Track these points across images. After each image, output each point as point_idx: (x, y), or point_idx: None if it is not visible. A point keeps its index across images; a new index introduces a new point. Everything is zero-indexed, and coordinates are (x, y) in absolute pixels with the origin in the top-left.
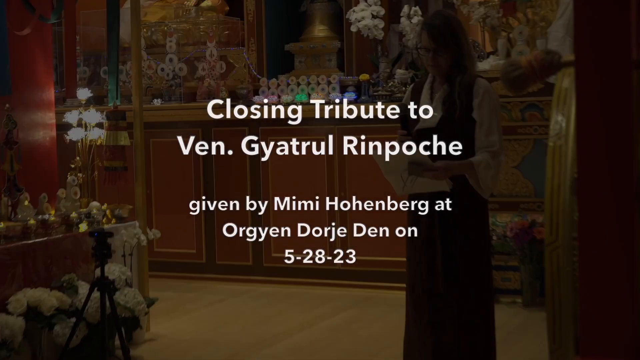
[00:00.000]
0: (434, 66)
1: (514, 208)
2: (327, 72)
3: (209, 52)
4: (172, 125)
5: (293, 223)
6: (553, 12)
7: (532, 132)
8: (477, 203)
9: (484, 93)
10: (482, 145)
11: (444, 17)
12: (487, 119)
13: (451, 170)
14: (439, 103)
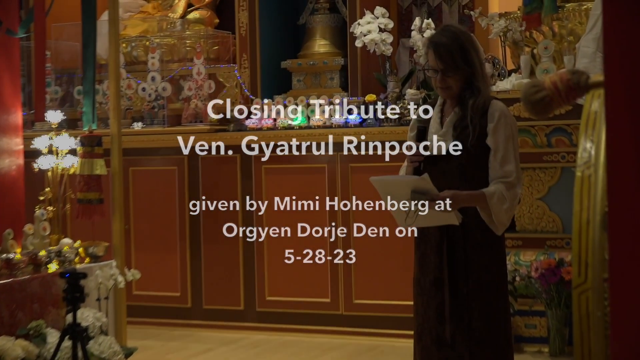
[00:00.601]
0: (443, 88)
1: (540, 245)
2: (329, 92)
3: (196, 70)
4: (154, 152)
5: (291, 267)
6: (582, 24)
7: (559, 159)
8: (492, 239)
9: (500, 117)
10: (497, 175)
11: (452, 33)
12: (502, 146)
13: (459, 202)
14: (449, 128)
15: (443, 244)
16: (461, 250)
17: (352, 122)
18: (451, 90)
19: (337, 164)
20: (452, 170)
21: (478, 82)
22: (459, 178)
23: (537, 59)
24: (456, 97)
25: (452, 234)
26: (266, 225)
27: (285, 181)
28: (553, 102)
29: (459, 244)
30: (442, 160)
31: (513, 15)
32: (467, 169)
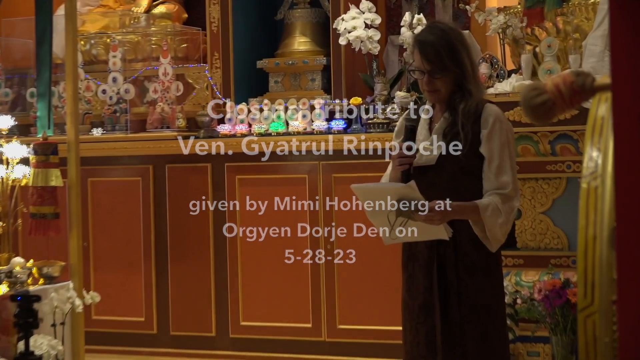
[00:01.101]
0: (430, 91)
1: (543, 264)
2: (310, 94)
3: (162, 70)
4: (115, 160)
5: (268, 289)
6: (589, 20)
7: (564, 169)
8: (487, 257)
9: (494, 122)
10: (492, 186)
11: (440, 30)
12: (497, 155)
13: (449, 213)
14: (438, 135)
15: (433, 263)
16: (453, 270)
17: (336, 127)
18: (439, 94)
19: (319, 174)
20: (442, 181)
21: (469, 84)
22: (449, 190)
23: (539, 58)
24: (445, 101)
25: (442, 252)
26: (240, 242)
27: (261, 193)
28: (555, 106)
29: (450, 263)
30: (431, 171)
31: (513, 10)
32: (458, 180)
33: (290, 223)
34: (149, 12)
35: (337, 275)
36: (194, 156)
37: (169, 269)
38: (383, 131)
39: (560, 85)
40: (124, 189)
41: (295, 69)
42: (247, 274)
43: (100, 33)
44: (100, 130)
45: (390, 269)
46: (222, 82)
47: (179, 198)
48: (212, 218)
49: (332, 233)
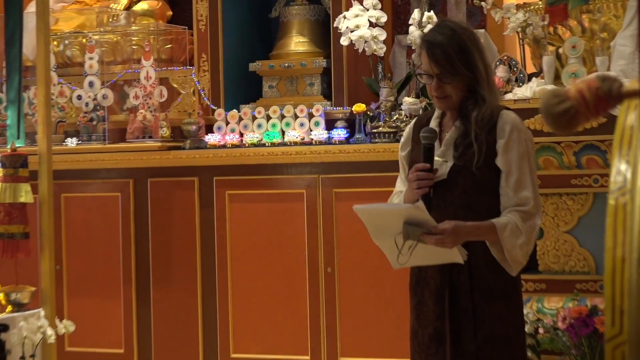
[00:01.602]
0: (439, 97)
1: (568, 289)
2: (308, 101)
3: (144, 74)
4: (91, 174)
5: (262, 317)
6: (618, 18)
7: (591, 183)
8: (506, 281)
9: (512, 131)
10: (510, 203)
11: (450, 29)
12: (516, 168)
13: (463, 235)
14: (449, 147)
15: (445, 288)
16: (468, 296)
17: (337, 137)
18: (450, 100)
19: (318, 189)
20: (455, 198)
21: (482, 89)
22: (463, 208)
23: (562, 60)
24: (456, 108)
25: (455, 276)
26: (231, 265)
27: (254, 210)
28: (579, 114)
29: (464, 288)
30: (442, 186)
31: (534, 6)
32: (472, 196)
33: (286, 243)
34: (129, 9)
35: (339, 302)
36: (180, 169)
37: (151, 295)
38: (390, 141)
39: (584, 91)
40: (102, 206)
41: (292, 72)
42: (239, 301)
43: (75, 32)
44: (75, 141)
45: (398, 295)
46: (210, 86)
47: (162, 216)
48: (200, 238)
49: (332, 254)
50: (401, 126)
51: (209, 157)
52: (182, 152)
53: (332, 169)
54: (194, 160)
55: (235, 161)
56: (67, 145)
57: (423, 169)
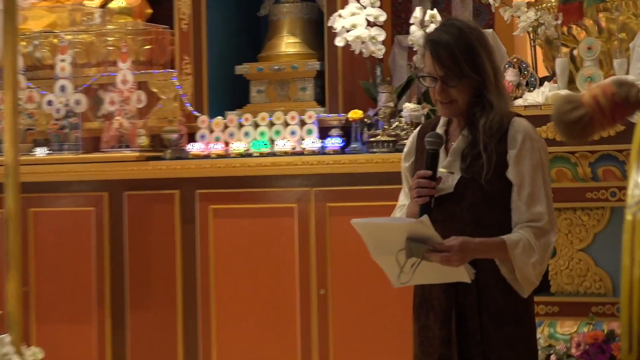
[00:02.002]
0: (444, 103)
1: (583, 312)
2: (300, 107)
3: (121, 77)
4: (63, 186)
5: (248, 343)
6: (638, 17)
7: (608, 197)
8: (517, 303)
9: (524, 140)
10: (522, 218)
11: (457, 28)
12: (529, 180)
13: (471, 252)
14: (456, 157)
15: (451, 310)
16: (476, 319)
17: (331, 147)
18: (455, 106)
19: (311, 204)
20: (463, 213)
21: (490, 94)
22: (471, 223)
23: (577, 62)
24: (463, 114)
25: (462, 297)
26: (215, 287)
27: (240, 227)
28: (594, 122)
29: (472, 310)
30: (449, 200)
31: (546, 4)
32: (482, 211)
33: (275, 262)
34: (104, 7)
35: (332, 326)
36: (159, 181)
37: (127, 319)
38: (389, 151)
39: (599, 97)
40: (74, 222)
41: (283, 75)
42: (223, 325)
43: (46, 32)
44: (45, 150)
45: (397, 320)
46: (193, 91)
47: (140, 232)
48: (181, 257)
49: (326, 275)
50: (401, 134)
51: (191, 168)
52: (162, 162)
53: (325, 181)
54: (174, 172)
55: (219, 173)
56: (36, 155)
57: (424, 177)
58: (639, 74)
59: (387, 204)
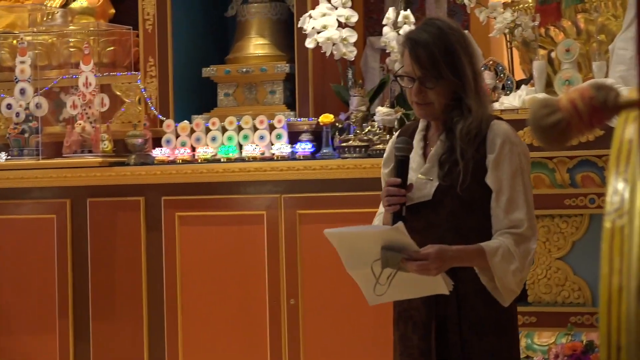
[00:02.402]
0: (420, 104)
1: (561, 323)
2: (270, 110)
3: (83, 80)
4: (23, 193)
5: (217, 353)
6: (617, 18)
7: (586, 204)
8: (499, 313)
9: (503, 144)
10: (501, 225)
11: (437, 28)
12: (507, 186)
13: (448, 260)
14: (434, 163)
15: (430, 321)
16: (456, 329)
17: (302, 152)
18: (431, 108)
19: (281, 210)
20: (441, 221)
21: (469, 98)
22: (450, 231)
23: (555, 65)
24: (440, 118)
25: (442, 308)
26: (181, 297)
27: (207, 234)
28: (571, 127)
29: (452, 321)
30: (427, 208)
31: (523, 5)
32: (461, 219)
33: (244, 271)
34: (66, 7)
35: (303, 338)
36: (123, 188)
37: (90, 329)
38: (361, 156)
39: (576, 101)
40: (35, 229)
41: (251, 78)
42: (190, 336)
43: (5, 32)
44: (4, 156)
45: (371, 330)
46: (158, 94)
47: (103, 240)
48: (146, 265)
49: (296, 284)
50: (374, 139)
51: (156, 174)
52: (126, 168)
53: (295, 187)
54: (139, 178)
55: (186, 179)
56: None
57: (394, 184)
58: (619, 77)
59: (360, 211)
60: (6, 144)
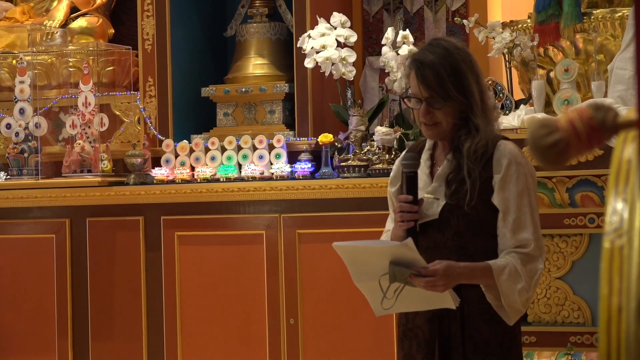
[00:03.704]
0: (428, 125)
1: (561, 343)
2: (269, 130)
3: (82, 100)
4: (22, 213)
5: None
6: (616, 38)
7: (586, 223)
8: (503, 333)
9: (509, 165)
10: (508, 245)
11: (443, 49)
12: (514, 206)
13: (455, 276)
14: (441, 182)
15: (434, 340)
16: (459, 349)
17: (301, 172)
18: (439, 128)
19: (280, 230)
20: (447, 240)
21: (476, 117)
22: (456, 251)
23: (554, 85)
24: (448, 138)
25: (446, 327)
26: (181, 316)
27: (207, 254)
28: (570, 147)
29: (456, 340)
30: (434, 227)
31: (522, 25)
32: (467, 239)
33: (243, 291)
34: (65, 27)
35: (302, 357)
36: (123, 207)
37: (89, 350)
38: (360, 176)
39: (575, 121)
40: (34, 249)
41: (250, 98)
42: (190, 356)
43: (4, 52)
44: (4, 175)
45: (371, 350)
46: (157, 114)
47: (103, 260)
48: (145, 285)
49: (296, 304)
50: (373, 159)
51: (155, 193)
52: (126, 188)
53: (295, 207)
54: (138, 198)
55: (185, 198)
56: None
57: (405, 201)
58: (618, 97)
59: (359, 230)
60: (5, 163)
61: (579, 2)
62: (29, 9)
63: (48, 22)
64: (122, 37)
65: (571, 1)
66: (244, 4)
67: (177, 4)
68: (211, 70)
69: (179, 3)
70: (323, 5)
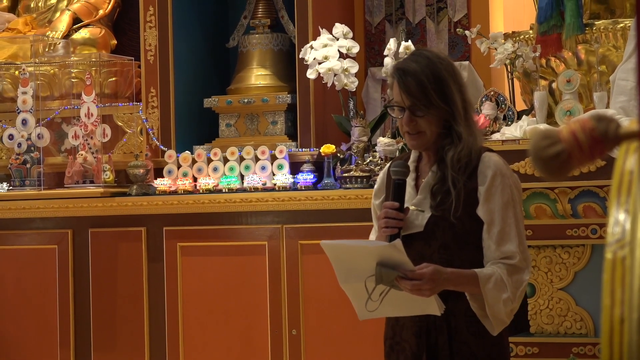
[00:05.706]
0: (412, 134)
1: (563, 354)
2: (271, 141)
3: (84, 110)
4: (24, 224)
5: None
6: (618, 49)
7: (588, 234)
8: (491, 346)
9: (494, 177)
10: (493, 257)
11: (426, 58)
12: (499, 218)
13: (442, 281)
14: (426, 194)
15: (422, 354)
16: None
17: (303, 182)
18: (423, 137)
19: (282, 241)
20: (433, 252)
21: (459, 125)
22: (442, 264)
23: (556, 95)
24: (432, 148)
25: (434, 341)
26: (183, 327)
27: (209, 265)
28: (572, 158)
29: (443, 353)
30: (419, 239)
31: (524, 36)
32: (453, 251)
33: (246, 301)
34: (68, 38)
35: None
36: (125, 218)
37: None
38: (362, 186)
39: (577, 132)
40: (36, 260)
41: (253, 108)
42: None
43: (7, 63)
44: (6, 186)
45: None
46: (160, 125)
47: (105, 271)
48: (148, 296)
49: (298, 314)
50: (375, 170)
51: (158, 204)
52: (128, 198)
53: (297, 218)
54: (141, 208)
55: (187, 209)
56: None
57: (392, 208)
58: (620, 108)
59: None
60: (8, 174)
61: (581, 13)
62: (31, 20)
63: (51, 33)
64: (124, 48)
65: (573, 12)
66: (246, 15)
67: (180, 15)
68: (213, 81)
69: (181, 14)
70: (325, 16)
